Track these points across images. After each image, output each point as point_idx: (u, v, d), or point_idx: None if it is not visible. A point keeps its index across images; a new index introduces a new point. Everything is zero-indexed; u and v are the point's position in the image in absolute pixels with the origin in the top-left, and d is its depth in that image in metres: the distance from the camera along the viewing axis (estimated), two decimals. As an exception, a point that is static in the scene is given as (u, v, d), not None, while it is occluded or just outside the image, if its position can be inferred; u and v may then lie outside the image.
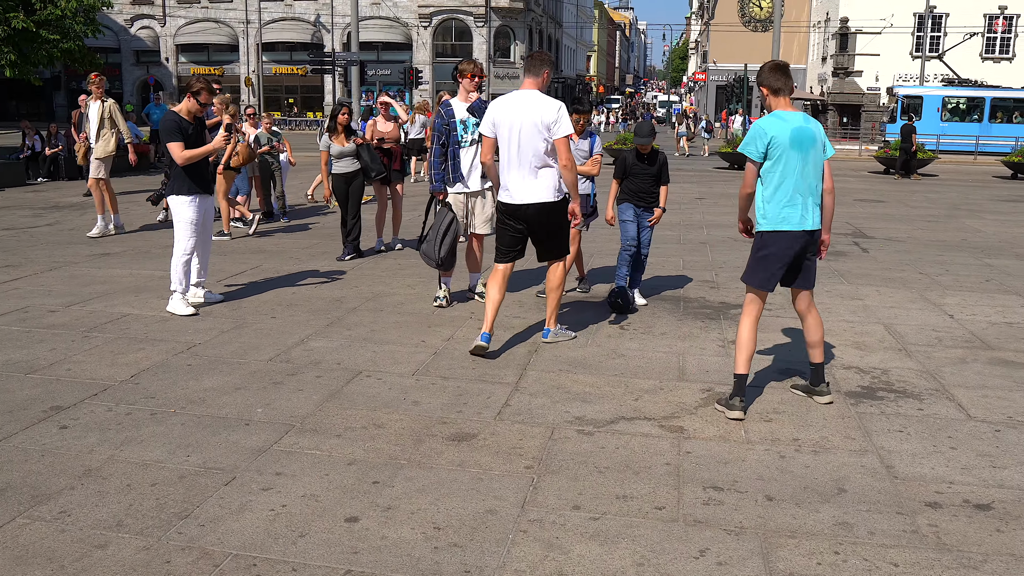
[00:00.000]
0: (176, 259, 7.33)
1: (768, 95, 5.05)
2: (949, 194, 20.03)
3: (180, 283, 7.33)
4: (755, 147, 4.92)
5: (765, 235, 5.03)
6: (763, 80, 5.04)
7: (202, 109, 7.36)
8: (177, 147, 7.12)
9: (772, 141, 4.86)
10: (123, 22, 57.05)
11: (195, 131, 7.32)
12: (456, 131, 7.25)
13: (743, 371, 5.03)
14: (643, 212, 7.67)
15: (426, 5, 54.65)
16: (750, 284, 5.14)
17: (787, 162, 4.88)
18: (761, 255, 5.06)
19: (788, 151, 4.87)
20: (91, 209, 14.67)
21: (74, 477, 4.08)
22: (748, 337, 5.07)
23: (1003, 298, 8.43)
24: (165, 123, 7.24)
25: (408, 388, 5.43)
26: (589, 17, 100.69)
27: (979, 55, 48.23)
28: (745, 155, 4.97)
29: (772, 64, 5.07)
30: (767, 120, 4.95)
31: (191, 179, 7.26)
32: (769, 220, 4.97)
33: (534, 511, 3.80)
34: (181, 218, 7.31)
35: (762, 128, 4.91)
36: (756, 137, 4.91)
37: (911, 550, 3.54)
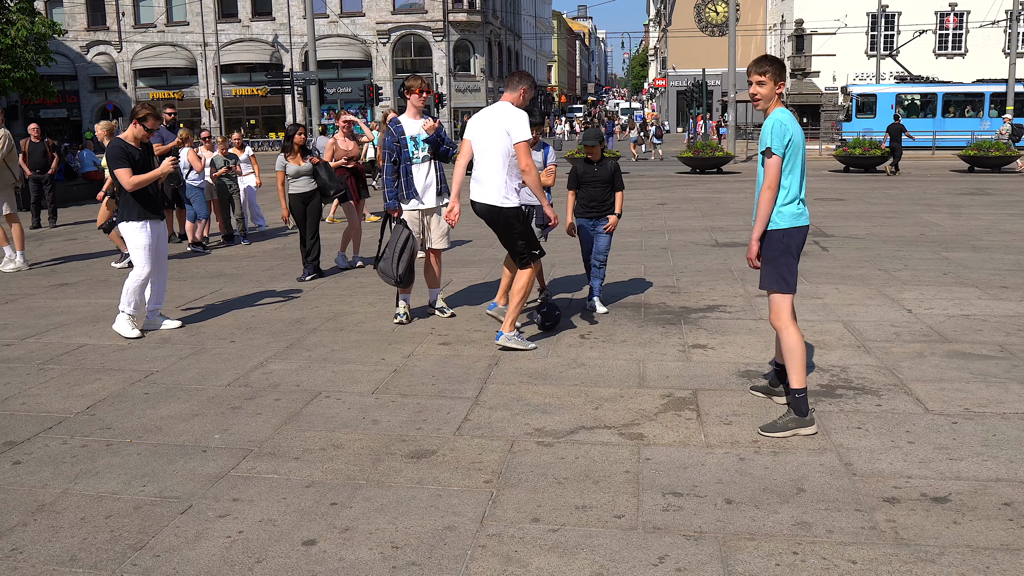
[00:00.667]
0: (131, 282, 7.32)
1: (781, 87, 4.84)
2: (908, 190, 20.29)
3: (130, 304, 7.32)
4: (781, 143, 4.72)
5: (788, 232, 4.81)
6: (783, 76, 4.85)
7: (148, 134, 7.33)
8: (124, 173, 7.09)
9: (792, 137, 4.74)
10: (79, 49, 56.62)
11: (142, 156, 7.29)
12: (407, 148, 7.24)
13: (804, 383, 4.83)
14: (597, 221, 7.68)
15: (384, 22, 54.68)
16: (784, 291, 4.87)
17: (799, 161, 4.81)
18: (787, 255, 4.83)
19: (799, 148, 4.80)
20: (47, 240, 14.53)
21: (27, 513, 4.00)
22: (803, 349, 4.85)
23: (960, 291, 8.54)
24: (111, 150, 7.21)
25: (367, 407, 5.39)
26: (548, 28, 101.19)
27: (932, 52, 49.02)
28: (774, 153, 4.71)
29: (774, 57, 4.94)
30: (783, 115, 4.78)
31: (141, 204, 7.24)
32: (788, 216, 4.80)
33: (493, 525, 3.78)
34: (135, 244, 7.29)
35: (783, 123, 4.74)
36: (781, 132, 4.73)
37: (869, 546, 3.55)
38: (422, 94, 7.25)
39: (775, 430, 4.78)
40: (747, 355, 6.38)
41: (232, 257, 11.84)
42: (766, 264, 4.87)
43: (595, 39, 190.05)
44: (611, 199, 7.67)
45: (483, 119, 6.63)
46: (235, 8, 56.20)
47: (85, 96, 57.59)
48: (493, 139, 6.46)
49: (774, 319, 4.94)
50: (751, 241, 4.88)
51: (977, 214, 15.13)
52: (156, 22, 56.62)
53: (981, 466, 4.34)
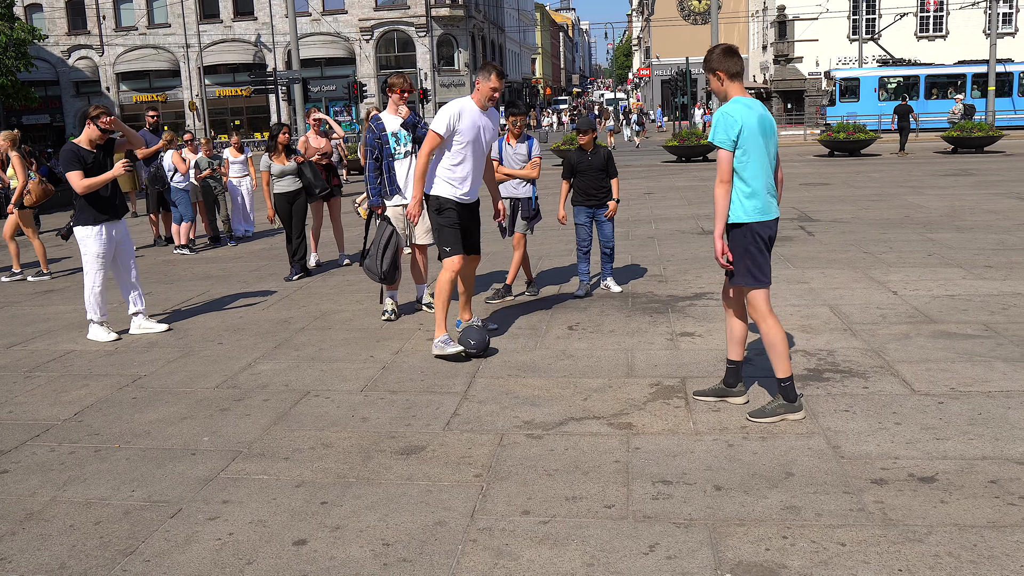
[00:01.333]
0: (87, 292, 7.32)
1: (725, 80, 4.75)
2: (892, 172, 20.35)
3: (95, 312, 7.34)
4: (725, 134, 4.59)
5: (752, 227, 4.70)
6: (718, 65, 4.76)
7: (103, 135, 7.24)
8: (76, 176, 7.06)
9: (743, 128, 4.59)
10: (60, 53, 56.24)
11: (96, 159, 7.22)
12: (389, 144, 7.23)
13: (789, 372, 4.78)
14: (597, 210, 7.87)
15: (367, 19, 54.49)
16: (759, 286, 4.76)
17: (760, 151, 4.65)
18: (753, 250, 4.72)
19: (758, 139, 4.63)
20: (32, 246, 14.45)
21: (15, 522, 3.99)
22: (784, 339, 4.75)
23: (945, 271, 8.57)
24: (63, 154, 7.20)
25: (356, 405, 5.39)
26: (531, 20, 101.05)
27: (914, 34, 49.12)
28: (715, 144, 4.65)
29: (723, 48, 4.82)
30: (732, 106, 4.65)
31: (95, 208, 7.21)
32: (751, 211, 4.68)
33: (483, 519, 3.79)
34: (87, 251, 7.26)
35: (730, 114, 4.60)
36: (726, 124, 4.60)
37: (857, 528, 3.57)
38: (403, 93, 7.25)
39: (764, 415, 4.77)
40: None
41: (219, 259, 11.81)
42: (735, 259, 4.78)
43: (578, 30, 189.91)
44: (607, 186, 7.86)
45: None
46: (217, 9, 55.92)
47: (68, 101, 57.24)
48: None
49: (751, 312, 4.84)
50: (714, 239, 4.78)
51: (961, 195, 15.19)
52: (137, 25, 56.29)
53: (967, 445, 4.37)
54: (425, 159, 6.25)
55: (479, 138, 6.36)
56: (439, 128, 6.20)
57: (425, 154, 6.25)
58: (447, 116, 6.20)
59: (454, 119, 6.22)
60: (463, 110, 6.27)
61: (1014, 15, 48.52)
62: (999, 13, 35.55)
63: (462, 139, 6.27)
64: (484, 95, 6.27)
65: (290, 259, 9.87)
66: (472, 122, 6.29)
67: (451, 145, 6.27)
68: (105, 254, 7.28)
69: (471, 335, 6.26)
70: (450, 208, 6.35)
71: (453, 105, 6.29)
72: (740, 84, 4.78)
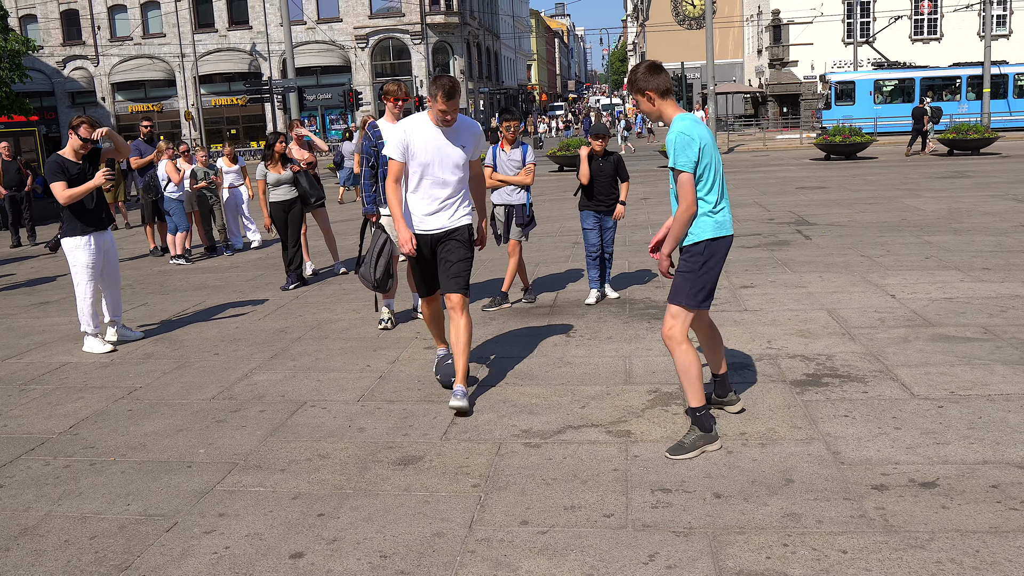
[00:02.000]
0: (79, 303, 7.32)
1: (656, 99, 4.45)
2: (888, 175, 20.35)
3: (88, 324, 7.35)
4: (688, 157, 4.28)
5: (711, 244, 4.41)
6: (646, 84, 4.44)
7: (85, 145, 7.21)
8: (59, 187, 7.08)
9: (702, 146, 4.31)
10: (55, 64, 56.27)
11: (81, 170, 7.23)
12: (384, 153, 7.19)
13: (703, 402, 4.51)
14: (604, 216, 7.83)
15: (362, 27, 54.55)
16: (690, 306, 4.46)
17: (715, 164, 4.41)
18: (706, 268, 4.43)
19: (714, 151, 4.41)
20: (28, 259, 14.42)
21: (9, 538, 3.95)
22: (699, 366, 4.49)
23: (943, 274, 8.56)
24: (48, 165, 7.23)
25: (353, 415, 5.36)
26: (526, 27, 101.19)
27: (908, 37, 49.20)
28: (681, 170, 4.30)
29: (647, 65, 4.50)
30: (684, 125, 4.34)
31: (80, 219, 7.22)
32: (710, 227, 4.40)
33: (482, 530, 3.76)
34: (75, 262, 7.27)
35: (686, 134, 4.30)
36: (686, 145, 4.29)
37: (859, 535, 3.54)
38: (397, 101, 7.23)
39: (683, 451, 4.41)
40: (733, 346, 6.37)
41: (215, 268, 11.77)
42: (680, 276, 4.48)
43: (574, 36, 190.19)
44: (617, 192, 7.88)
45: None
46: (212, 18, 55.97)
47: (63, 112, 57.20)
48: None
49: (669, 332, 4.47)
50: (661, 256, 4.49)
51: (958, 197, 15.18)
52: (132, 35, 56.32)
53: (968, 449, 4.34)
54: (392, 187, 5.35)
55: (435, 161, 5.35)
56: (391, 151, 5.36)
57: (391, 185, 5.36)
58: (396, 136, 5.34)
59: (404, 138, 5.31)
60: (413, 130, 5.34)
61: (1008, 17, 48.60)
62: (993, 15, 35.63)
63: (415, 164, 5.35)
64: (435, 115, 5.28)
65: (286, 268, 9.84)
66: (425, 142, 5.32)
67: (408, 172, 5.42)
68: (94, 264, 7.29)
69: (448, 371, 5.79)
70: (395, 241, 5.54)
71: (401, 123, 5.43)
72: (673, 101, 4.49)
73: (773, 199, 16.38)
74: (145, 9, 56.26)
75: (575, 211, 15.87)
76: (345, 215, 16.96)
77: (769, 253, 10.30)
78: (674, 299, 4.49)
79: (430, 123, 5.35)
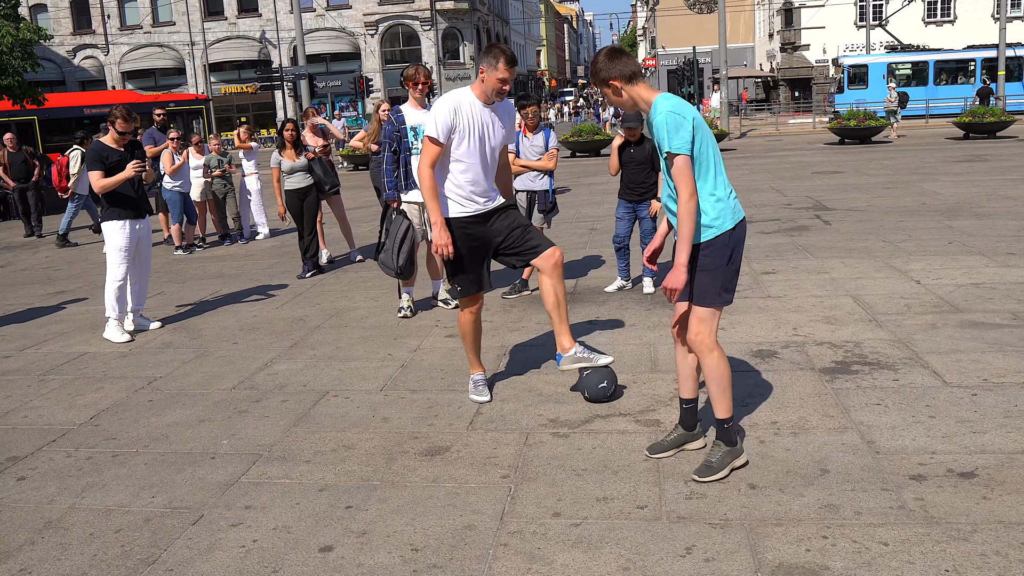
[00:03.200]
0: (108, 286, 7.38)
1: (624, 86, 3.94)
2: (905, 159, 20.16)
3: (114, 309, 7.37)
4: (682, 138, 3.76)
5: (731, 234, 3.92)
6: (608, 73, 3.94)
7: (123, 137, 7.34)
8: (96, 175, 7.22)
9: (695, 125, 3.81)
10: (65, 53, 56.24)
11: (122, 158, 7.33)
12: (407, 138, 7.13)
13: (731, 411, 4.07)
14: (639, 205, 7.65)
15: (371, 13, 54.35)
16: (718, 304, 3.98)
17: (712, 143, 3.91)
18: (734, 259, 3.96)
19: (707, 132, 3.90)
20: (43, 247, 14.41)
21: (34, 531, 3.91)
22: (729, 372, 4.03)
23: (967, 259, 8.44)
24: (89, 153, 7.34)
25: (377, 405, 5.30)
26: (535, 12, 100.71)
27: (921, 20, 48.81)
28: (676, 153, 3.75)
29: (606, 51, 4.01)
30: (670, 103, 3.82)
31: (117, 206, 7.35)
32: (728, 215, 3.92)
33: (513, 522, 3.69)
34: (112, 245, 7.38)
35: (676, 113, 3.77)
36: (678, 126, 3.75)
37: (899, 527, 3.47)
38: (418, 85, 7.15)
39: (712, 472, 3.99)
40: (758, 334, 6.29)
41: (230, 257, 11.72)
42: (705, 275, 3.94)
43: (583, 22, 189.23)
44: (652, 181, 7.60)
45: None
46: (221, 6, 55.84)
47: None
48: None
49: (695, 337, 3.99)
50: (676, 266, 3.84)
51: (977, 181, 15.02)
52: (142, 23, 56.27)
53: (1005, 438, 4.25)
54: (428, 173, 4.91)
55: (485, 137, 5.02)
56: (433, 132, 4.90)
57: (426, 167, 4.91)
58: (443, 114, 4.90)
59: (450, 117, 4.90)
60: (459, 104, 4.94)
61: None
62: (1008, -3, 35.23)
63: (462, 140, 4.96)
64: (490, 87, 4.93)
65: (303, 256, 9.78)
66: (473, 118, 4.96)
67: (451, 149, 4.98)
68: (129, 248, 7.39)
69: (598, 379, 5.04)
70: (462, 235, 5.03)
71: (447, 100, 4.96)
72: (644, 83, 3.99)
73: (789, 184, 16.24)
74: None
75: (591, 197, 15.83)
76: (359, 202, 16.89)
77: (789, 238, 10.19)
78: (701, 301, 3.96)
79: (475, 99, 4.98)
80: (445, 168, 5.01)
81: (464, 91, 5.03)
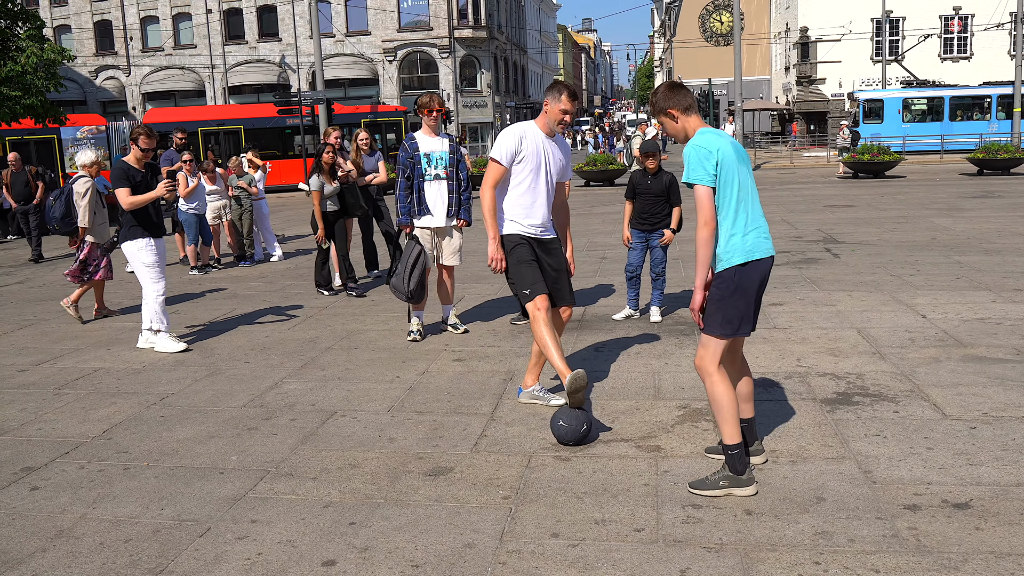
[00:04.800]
0: (150, 301, 7.59)
1: (680, 116, 4.26)
2: (917, 194, 20.22)
3: (162, 322, 7.60)
4: (704, 170, 4.02)
5: (739, 270, 4.10)
6: (666, 103, 4.27)
7: (146, 155, 7.53)
8: (123, 193, 7.40)
9: (720, 159, 4.05)
10: (87, 74, 56.98)
11: (144, 178, 7.53)
12: (421, 164, 7.27)
13: (739, 439, 4.17)
14: (651, 235, 7.78)
15: (390, 40, 54.90)
16: (721, 335, 4.15)
17: (740, 180, 4.11)
18: (738, 295, 4.12)
19: (738, 167, 4.12)
20: (61, 264, 14.59)
21: (45, 539, 4.01)
22: (731, 399, 4.17)
23: (974, 294, 8.50)
24: (114, 171, 7.52)
25: (383, 425, 5.39)
26: (553, 42, 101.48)
27: (938, 56, 49.00)
28: (695, 183, 4.04)
29: (667, 85, 4.36)
30: (701, 138, 4.13)
31: (140, 225, 7.52)
32: (739, 251, 4.09)
33: (512, 542, 3.77)
34: (141, 262, 7.56)
35: (702, 147, 4.06)
36: (701, 158, 4.03)
37: (891, 555, 3.53)
38: (431, 113, 7.30)
39: (705, 487, 4.17)
40: (762, 364, 6.36)
41: (244, 278, 11.87)
42: (711, 304, 4.17)
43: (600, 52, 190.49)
44: (665, 212, 7.75)
45: None
46: (242, 30, 56.52)
47: (95, 121, 57.93)
48: None
49: (699, 363, 4.22)
50: (695, 290, 4.16)
51: (988, 217, 15.07)
52: (164, 46, 56.99)
53: (1001, 471, 4.31)
54: (491, 194, 5.41)
55: (544, 165, 5.46)
56: (499, 155, 5.40)
57: (489, 188, 5.41)
58: (508, 141, 5.41)
59: (515, 144, 5.40)
60: (525, 133, 5.45)
61: (1039, 36, 48.27)
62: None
63: (525, 165, 5.42)
64: (553, 118, 5.40)
65: (343, 277, 9.99)
66: (537, 147, 5.45)
67: (513, 173, 5.44)
68: (159, 263, 7.61)
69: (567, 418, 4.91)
70: (520, 243, 5.44)
71: (515, 129, 5.48)
72: (697, 116, 4.29)
73: (801, 217, 16.32)
74: (177, 20, 56.91)
75: (602, 226, 15.94)
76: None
77: (798, 271, 10.27)
78: (705, 328, 4.20)
79: (539, 130, 5.50)
80: (505, 191, 5.49)
81: (529, 123, 5.54)
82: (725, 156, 4.07)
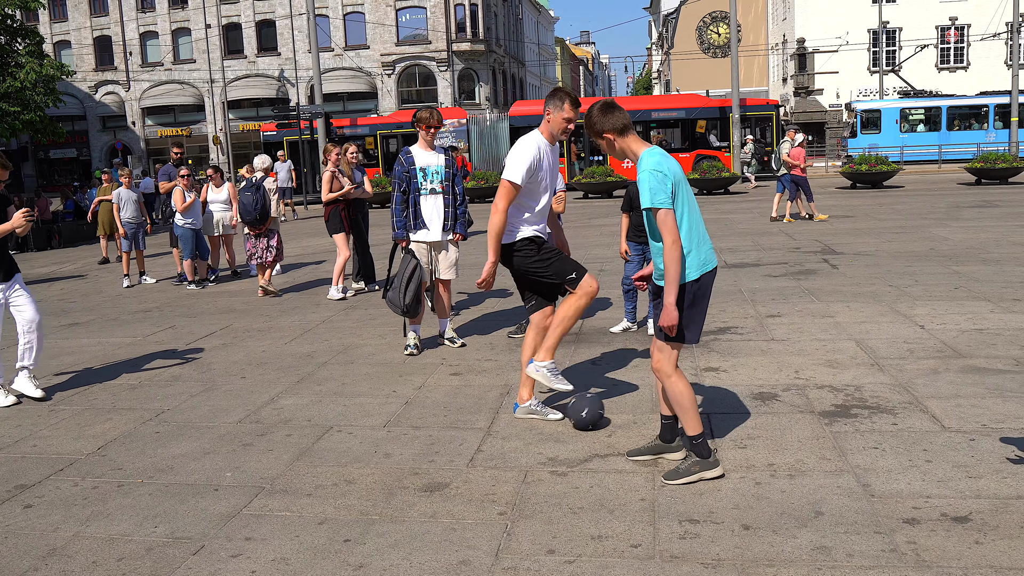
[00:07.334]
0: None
1: (616, 138, 4.38)
2: (915, 204, 20.23)
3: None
4: (665, 194, 4.17)
5: (696, 282, 4.35)
6: (602, 126, 4.38)
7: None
8: None
9: (674, 181, 4.21)
10: (87, 89, 57.14)
11: None
12: (416, 178, 7.26)
13: (701, 428, 4.47)
14: (647, 247, 7.74)
15: (388, 54, 55.05)
16: (686, 342, 4.43)
17: (689, 197, 4.29)
18: (696, 305, 4.39)
19: (686, 186, 4.29)
20: (59, 280, 14.58)
21: (38, 558, 3.98)
22: (691, 395, 4.47)
23: (972, 305, 8.47)
24: None
25: (379, 440, 5.36)
26: (551, 55, 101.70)
27: (935, 66, 49.10)
28: (658, 208, 4.17)
29: (600, 105, 4.42)
30: (653, 160, 4.24)
31: None
32: (695, 266, 4.32)
33: (508, 558, 3.74)
34: None
35: (656, 171, 4.19)
36: (660, 183, 4.17)
37: (890, 569, 3.50)
38: (430, 129, 7.29)
39: (678, 476, 4.42)
40: (760, 377, 6.33)
41: (241, 292, 11.85)
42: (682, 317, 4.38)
43: (598, 64, 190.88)
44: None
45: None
46: (241, 45, 56.69)
47: (94, 135, 58.06)
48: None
49: (657, 365, 4.47)
50: (666, 307, 4.27)
51: (986, 227, 15.06)
52: (163, 60, 57.16)
53: (1001, 483, 4.28)
54: (502, 218, 5.36)
55: (550, 173, 5.60)
56: (517, 176, 5.31)
57: (503, 210, 5.34)
58: (527, 159, 5.34)
59: (534, 161, 5.37)
60: (539, 149, 5.42)
61: (1036, 46, 48.43)
62: (1020, 44, 35.37)
63: (538, 178, 5.47)
64: (557, 127, 5.37)
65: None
66: (548, 160, 5.52)
67: (529, 186, 5.44)
68: None
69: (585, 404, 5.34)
70: (541, 243, 5.57)
71: (529, 145, 5.38)
72: (634, 135, 4.40)
73: (799, 227, 16.32)
74: (176, 36, 57.11)
75: (600, 239, 15.93)
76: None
77: (796, 282, 10.25)
78: (677, 337, 4.38)
79: (544, 139, 5.47)
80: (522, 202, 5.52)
81: (535, 134, 5.48)
82: (677, 177, 4.25)
